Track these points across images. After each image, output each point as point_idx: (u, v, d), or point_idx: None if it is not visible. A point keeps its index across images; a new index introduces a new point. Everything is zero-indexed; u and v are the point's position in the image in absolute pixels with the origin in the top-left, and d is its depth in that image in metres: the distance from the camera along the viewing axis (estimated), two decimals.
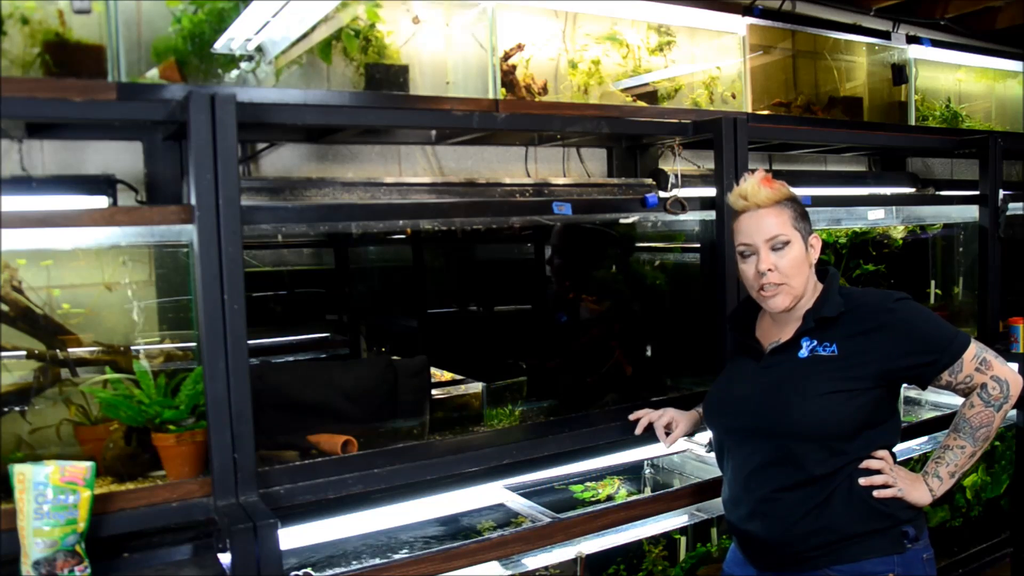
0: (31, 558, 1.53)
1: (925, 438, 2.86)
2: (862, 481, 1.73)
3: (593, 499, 2.39)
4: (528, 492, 2.31)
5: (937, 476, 1.80)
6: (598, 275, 2.92)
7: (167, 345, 2.00)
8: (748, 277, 1.80)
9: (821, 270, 1.86)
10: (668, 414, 2.16)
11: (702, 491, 2.23)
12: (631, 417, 2.19)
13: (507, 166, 2.79)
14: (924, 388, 1.84)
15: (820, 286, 1.83)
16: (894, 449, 1.84)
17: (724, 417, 1.88)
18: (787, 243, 1.75)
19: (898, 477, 1.76)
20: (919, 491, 1.77)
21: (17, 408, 1.86)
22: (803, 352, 1.77)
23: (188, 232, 1.77)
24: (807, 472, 1.72)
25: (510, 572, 2.00)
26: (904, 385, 1.87)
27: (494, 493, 2.30)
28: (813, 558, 1.74)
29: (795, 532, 1.73)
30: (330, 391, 2.20)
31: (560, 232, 2.79)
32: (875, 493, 1.73)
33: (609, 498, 2.40)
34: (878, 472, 1.74)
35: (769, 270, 1.75)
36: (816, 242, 1.81)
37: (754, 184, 1.77)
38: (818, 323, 1.77)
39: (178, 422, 1.81)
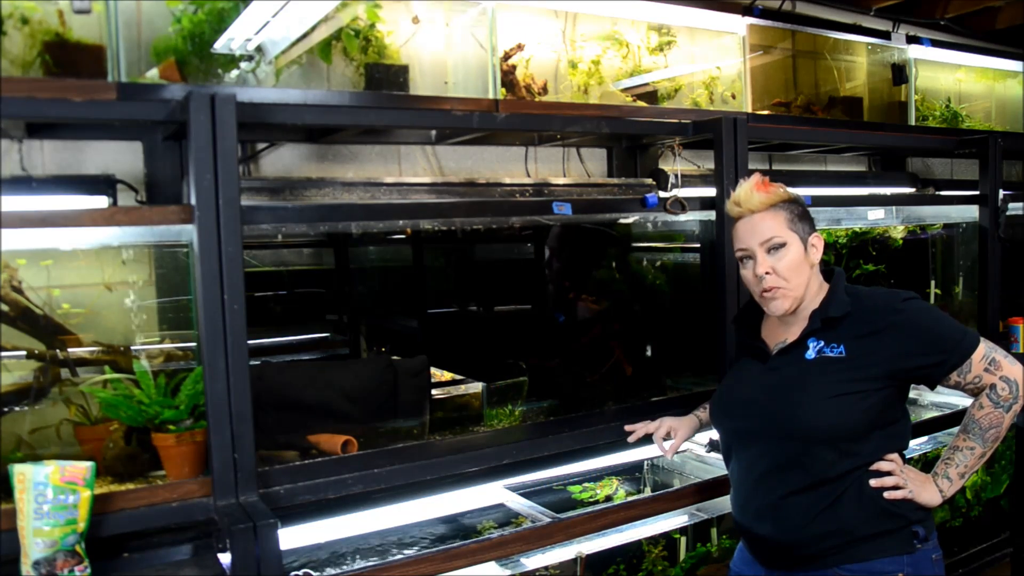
0: (31, 558, 1.53)
1: (925, 438, 2.86)
2: (873, 483, 1.72)
3: (591, 499, 2.39)
4: (528, 492, 2.31)
5: (947, 477, 1.79)
6: (598, 275, 2.92)
7: (167, 345, 2.00)
8: (749, 282, 1.80)
9: (827, 270, 1.86)
10: (665, 424, 2.12)
11: (702, 491, 2.23)
12: (627, 428, 2.16)
13: (507, 166, 2.79)
14: (933, 388, 1.83)
15: (826, 286, 1.83)
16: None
17: (731, 419, 1.87)
18: (783, 245, 1.75)
19: (908, 478, 1.75)
20: (929, 492, 1.76)
21: (17, 408, 1.86)
22: (810, 353, 1.76)
23: (188, 232, 1.77)
24: (817, 474, 1.71)
25: (510, 572, 2.00)
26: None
27: (494, 493, 2.30)
28: (824, 558, 1.73)
29: (806, 534, 1.73)
30: (330, 391, 2.20)
31: (559, 232, 2.79)
32: (886, 495, 1.72)
33: (608, 498, 2.40)
34: (888, 474, 1.74)
35: (767, 273, 1.75)
36: (818, 242, 1.80)
37: (747, 190, 1.77)
38: (824, 323, 1.76)
39: (178, 422, 1.81)
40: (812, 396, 1.72)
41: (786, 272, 1.75)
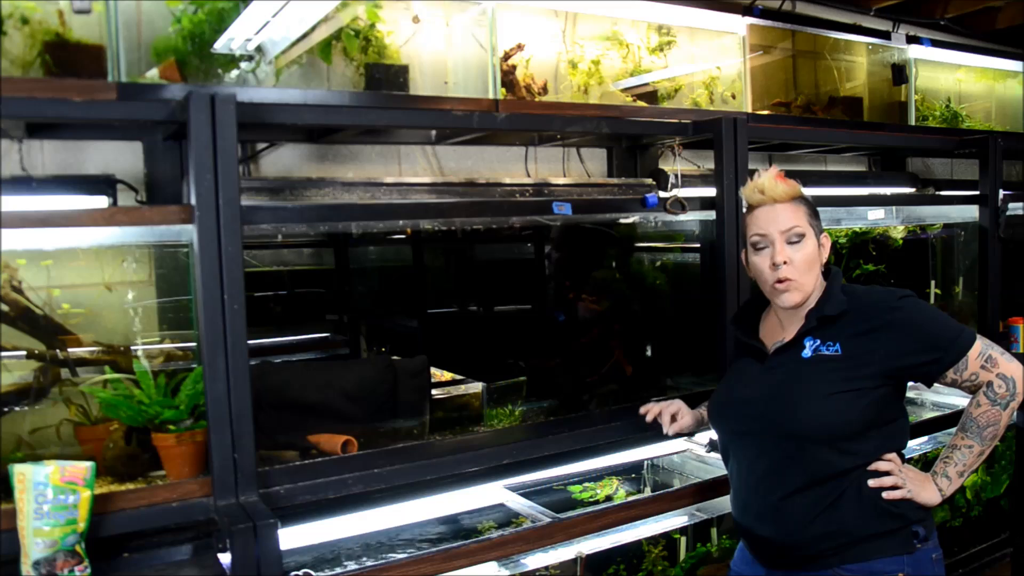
0: (31, 558, 1.53)
1: (925, 438, 2.86)
2: (871, 483, 1.72)
3: (591, 499, 2.40)
4: (528, 492, 2.31)
5: (946, 476, 1.79)
6: (598, 275, 2.92)
7: (167, 345, 2.00)
8: (763, 270, 1.78)
9: (823, 269, 1.86)
10: (675, 404, 2.15)
11: (702, 491, 2.23)
12: (641, 410, 2.16)
13: (507, 166, 2.79)
14: (929, 386, 1.83)
15: (824, 284, 1.82)
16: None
17: (729, 419, 1.87)
18: (802, 236, 1.75)
19: (907, 478, 1.74)
20: (928, 491, 1.76)
21: (17, 408, 1.86)
22: (806, 352, 1.76)
23: (188, 232, 1.77)
24: (816, 474, 1.71)
25: (510, 572, 2.00)
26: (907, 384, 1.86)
27: (494, 493, 2.30)
28: (823, 558, 1.73)
29: (806, 534, 1.73)
30: (330, 391, 2.20)
31: (559, 232, 2.79)
32: (885, 495, 1.72)
33: (608, 498, 2.40)
34: (887, 474, 1.73)
35: (784, 262, 1.74)
36: (826, 241, 1.81)
37: (771, 179, 1.77)
38: (820, 322, 1.76)
39: (178, 422, 1.81)
40: (809, 395, 1.72)
41: (802, 265, 1.75)
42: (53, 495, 1.54)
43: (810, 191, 1.87)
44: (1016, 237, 3.48)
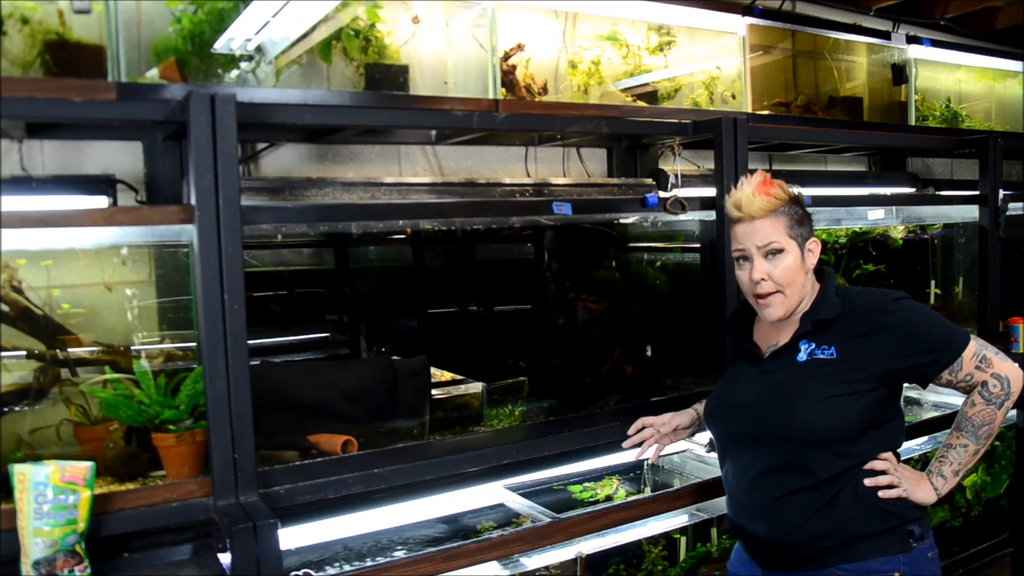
0: (31, 558, 1.54)
1: (925, 438, 2.86)
2: (867, 482, 1.73)
3: (591, 499, 2.40)
4: (528, 492, 2.32)
5: (941, 475, 1.79)
6: (597, 275, 2.92)
7: (167, 345, 2.00)
8: (743, 283, 1.80)
9: (818, 270, 1.85)
10: (665, 441, 2.11)
11: (702, 491, 2.23)
12: (626, 444, 2.12)
13: (507, 166, 2.79)
14: (924, 387, 1.84)
15: (818, 287, 1.83)
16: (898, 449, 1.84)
17: (725, 422, 1.87)
18: (780, 251, 1.73)
19: (903, 477, 1.75)
20: (924, 490, 1.77)
21: (17, 408, 1.86)
22: (802, 356, 1.76)
23: (188, 232, 1.77)
24: (813, 476, 1.71)
25: (510, 572, 2.00)
26: (904, 384, 1.87)
27: (494, 493, 2.30)
28: (820, 558, 1.74)
29: (802, 534, 1.73)
30: (330, 391, 2.20)
31: (558, 232, 2.79)
32: (880, 494, 1.73)
33: (608, 498, 2.40)
34: (883, 473, 1.74)
35: (762, 279, 1.74)
36: (815, 246, 1.79)
37: (748, 194, 1.74)
38: (815, 325, 1.76)
39: (178, 422, 1.81)
40: (805, 399, 1.72)
41: (781, 279, 1.74)
42: (53, 495, 1.54)
43: (810, 191, 1.86)
44: (1016, 237, 3.48)
